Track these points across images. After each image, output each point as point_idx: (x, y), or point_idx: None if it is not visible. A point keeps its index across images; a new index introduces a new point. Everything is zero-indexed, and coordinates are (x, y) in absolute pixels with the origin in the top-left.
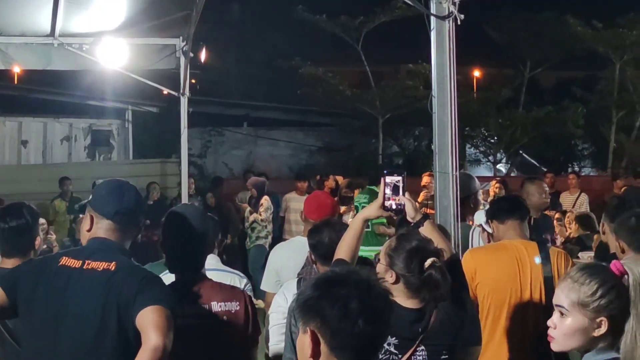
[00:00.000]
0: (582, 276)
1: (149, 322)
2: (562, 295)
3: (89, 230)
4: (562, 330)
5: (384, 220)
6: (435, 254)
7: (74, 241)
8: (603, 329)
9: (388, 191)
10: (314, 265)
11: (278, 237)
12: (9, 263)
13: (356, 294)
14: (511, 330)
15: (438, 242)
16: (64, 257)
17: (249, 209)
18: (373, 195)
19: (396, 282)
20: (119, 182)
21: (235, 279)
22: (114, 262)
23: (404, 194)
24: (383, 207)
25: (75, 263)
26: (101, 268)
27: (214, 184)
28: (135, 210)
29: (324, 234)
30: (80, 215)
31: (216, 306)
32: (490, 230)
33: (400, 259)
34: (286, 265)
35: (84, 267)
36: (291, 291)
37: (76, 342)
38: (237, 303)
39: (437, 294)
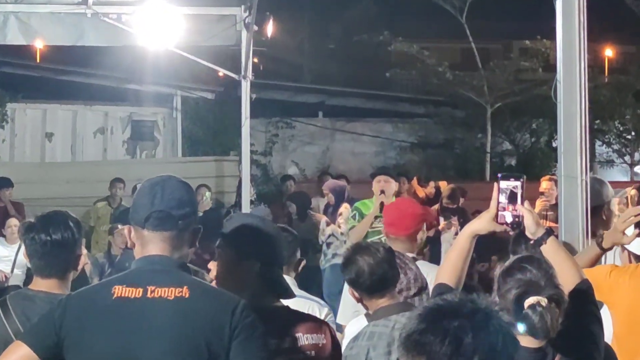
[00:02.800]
0: None
1: None
2: None
3: (130, 246)
4: None
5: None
6: (550, 292)
7: (110, 258)
8: None
9: (503, 199)
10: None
11: None
12: (44, 285)
13: (471, 326)
14: None
15: (563, 265)
16: (117, 287)
17: (325, 219)
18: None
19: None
20: (158, 179)
21: (315, 307)
22: (185, 287)
23: (522, 203)
24: (496, 219)
25: (133, 292)
26: (172, 296)
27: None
28: (177, 211)
29: (359, 262)
30: (119, 226)
31: (302, 339)
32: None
33: (505, 287)
34: None
35: (148, 295)
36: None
37: None
38: (323, 336)
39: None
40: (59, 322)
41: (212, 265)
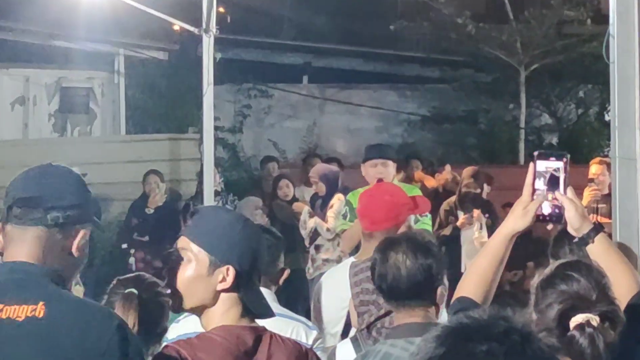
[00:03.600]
0: None
1: None
2: None
3: (1, 249)
4: None
5: None
6: (603, 307)
7: None
8: None
9: (540, 185)
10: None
11: None
12: None
13: (504, 352)
14: None
15: (616, 270)
16: None
17: (307, 209)
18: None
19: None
20: (41, 165)
21: (300, 330)
22: (40, 303)
23: (564, 191)
24: None
25: None
26: (23, 316)
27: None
28: (48, 201)
29: (384, 257)
30: None
31: None
32: None
33: (544, 302)
34: (330, 303)
35: None
36: None
37: None
38: None
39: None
40: None
41: None
